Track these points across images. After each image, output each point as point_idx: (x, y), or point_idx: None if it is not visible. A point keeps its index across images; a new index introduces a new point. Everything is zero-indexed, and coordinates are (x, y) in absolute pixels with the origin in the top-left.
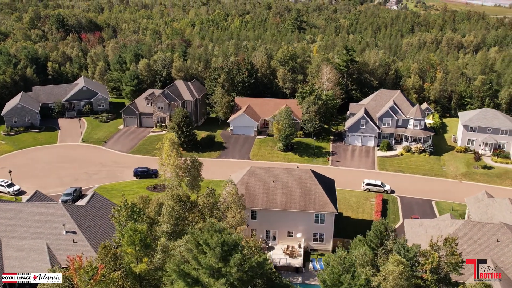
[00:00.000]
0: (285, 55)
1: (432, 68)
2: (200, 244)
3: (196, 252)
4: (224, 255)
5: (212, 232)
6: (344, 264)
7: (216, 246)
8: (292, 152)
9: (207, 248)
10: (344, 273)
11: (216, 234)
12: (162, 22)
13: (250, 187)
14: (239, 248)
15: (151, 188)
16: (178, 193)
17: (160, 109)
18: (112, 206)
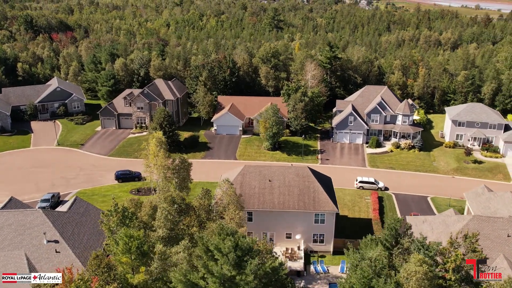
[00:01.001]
0: (267, 53)
1: (414, 65)
2: (210, 250)
3: (206, 259)
4: (238, 262)
5: (224, 236)
6: (375, 267)
7: (229, 251)
8: (279, 151)
9: (219, 255)
10: (374, 276)
11: (229, 238)
12: (136, 23)
13: (245, 187)
14: (254, 252)
15: (134, 192)
16: (172, 195)
17: (140, 109)
18: (97, 211)
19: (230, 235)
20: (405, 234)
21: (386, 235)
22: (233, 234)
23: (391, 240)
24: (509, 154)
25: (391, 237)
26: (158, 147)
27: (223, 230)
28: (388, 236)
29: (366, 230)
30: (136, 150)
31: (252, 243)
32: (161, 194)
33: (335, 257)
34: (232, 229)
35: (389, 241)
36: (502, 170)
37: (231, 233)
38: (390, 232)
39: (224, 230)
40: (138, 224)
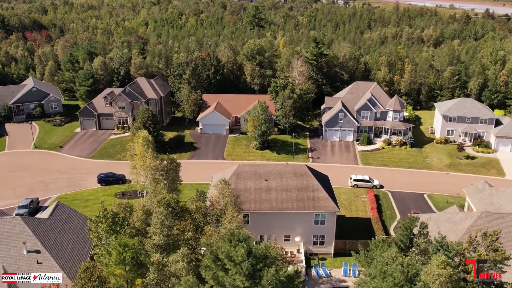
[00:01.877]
0: (252, 50)
1: (399, 61)
2: (219, 258)
3: (216, 269)
4: (252, 271)
5: (235, 243)
6: (407, 273)
7: (243, 260)
8: (269, 150)
9: (230, 264)
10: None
11: (241, 245)
12: (113, 22)
13: (240, 187)
14: (270, 260)
15: (119, 195)
16: (166, 198)
17: (122, 109)
18: (81, 217)
19: (243, 241)
20: (420, 234)
21: (400, 236)
22: (245, 240)
23: (406, 240)
24: (500, 149)
25: (406, 238)
26: (145, 147)
27: (234, 236)
28: (403, 236)
29: (366, 230)
30: (119, 151)
31: (266, 249)
32: (152, 197)
33: (336, 259)
34: (245, 235)
35: (404, 242)
36: (495, 165)
37: (244, 239)
38: (405, 232)
39: (235, 236)
40: (130, 230)
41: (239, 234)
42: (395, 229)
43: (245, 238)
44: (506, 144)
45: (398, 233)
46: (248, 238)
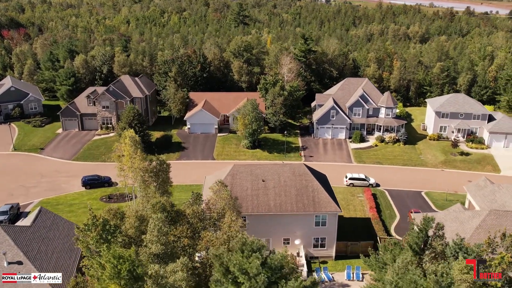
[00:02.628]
0: (239, 47)
1: (388, 57)
2: (230, 271)
3: (227, 283)
4: (268, 285)
5: (248, 253)
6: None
7: (258, 272)
8: (260, 149)
9: (244, 277)
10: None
11: (256, 256)
12: (93, 20)
13: (236, 189)
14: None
15: (105, 199)
16: (161, 202)
17: (105, 109)
18: (67, 223)
19: (257, 252)
20: (436, 235)
21: (415, 238)
22: (259, 249)
23: (421, 243)
24: (494, 145)
25: (421, 240)
26: (133, 147)
27: (246, 245)
28: (418, 238)
29: (366, 231)
30: (104, 153)
31: (283, 259)
32: (145, 201)
33: (337, 263)
34: (259, 244)
35: (419, 244)
36: (490, 162)
37: (258, 248)
38: (420, 234)
39: (248, 246)
40: (122, 239)
41: (252, 244)
42: (396, 229)
43: (259, 247)
44: (499, 140)
45: (412, 235)
46: (263, 247)
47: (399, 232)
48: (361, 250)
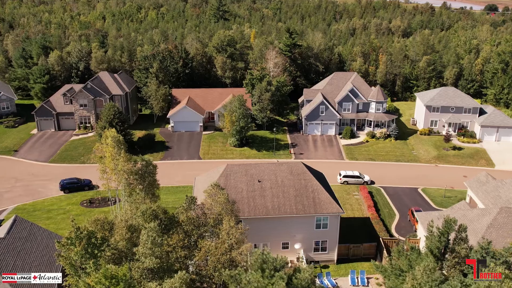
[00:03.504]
0: (222, 41)
1: (373, 51)
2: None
3: None
4: None
5: (270, 272)
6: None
7: None
8: (248, 147)
9: None
10: None
11: (279, 275)
12: (67, 16)
13: (231, 190)
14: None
15: (86, 204)
16: (152, 208)
17: (83, 107)
18: (45, 233)
19: (280, 270)
20: (458, 238)
21: (436, 242)
22: (283, 267)
23: (442, 247)
24: (485, 139)
25: (443, 244)
26: (116, 148)
27: (267, 263)
28: (440, 242)
29: (366, 231)
30: (82, 154)
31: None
32: (133, 207)
33: (340, 267)
34: (282, 261)
35: (440, 249)
36: (483, 156)
37: (281, 266)
38: (442, 238)
39: (269, 263)
40: (112, 253)
41: (275, 261)
42: (396, 229)
43: (282, 265)
44: (491, 134)
45: (433, 238)
46: (286, 264)
47: (400, 232)
48: (364, 253)
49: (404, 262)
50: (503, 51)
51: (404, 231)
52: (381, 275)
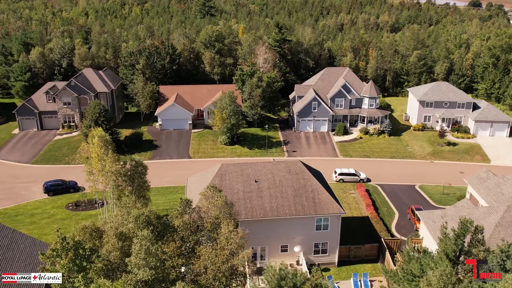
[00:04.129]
0: (210, 36)
1: (363, 47)
2: None
3: None
4: None
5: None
6: None
7: None
8: (239, 145)
9: None
10: None
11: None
12: (49, 13)
13: (226, 192)
14: None
15: (72, 207)
16: (144, 213)
17: (67, 105)
18: (28, 240)
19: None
20: (475, 240)
21: (453, 245)
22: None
23: (457, 250)
24: (479, 134)
25: (459, 247)
26: (104, 147)
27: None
28: (456, 245)
29: (366, 231)
30: (67, 154)
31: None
32: (124, 212)
33: (341, 269)
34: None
35: (456, 252)
36: (478, 151)
37: (301, 283)
38: (458, 241)
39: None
40: (102, 264)
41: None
42: (396, 228)
43: (302, 281)
44: (485, 129)
45: (449, 241)
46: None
47: (400, 231)
48: (365, 254)
49: (416, 266)
50: (493, 46)
51: (404, 231)
52: (386, 278)
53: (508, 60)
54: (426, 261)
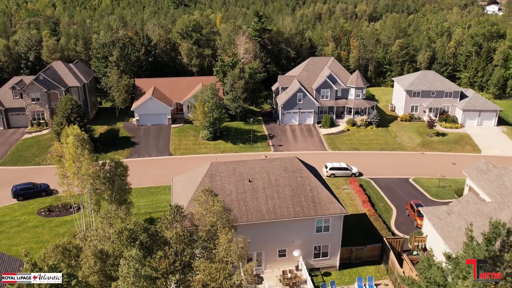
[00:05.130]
0: (187, 26)
1: (344, 36)
2: None
3: None
4: None
5: None
6: None
7: None
8: (222, 140)
9: None
10: None
11: None
12: (13, 4)
13: (218, 193)
14: None
15: (44, 213)
16: (128, 226)
17: (36, 101)
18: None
19: None
20: (506, 244)
21: (484, 251)
22: None
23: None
24: (467, 124)
25: (491, 253)
26: (80, 147)
27: None
28: (488, 252)
29: (364, 229)
30: (37, 154)
31: None
32: (105, 224)
33: (343, 273)
34: None
35: (487, 257)
36: (468, 141)
37: None
38: (490, 247)
39: None
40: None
41: None
42: (396, 225)
43: None
44: (472, 118)
45: (479, 247)
46: None
47: (400, 228)
48: (367, 256)
49: (438, 273)
50: (476, 34)
51: (405, 228)
52: (395, 284)
53: (491, 48)
54: (451, 267)
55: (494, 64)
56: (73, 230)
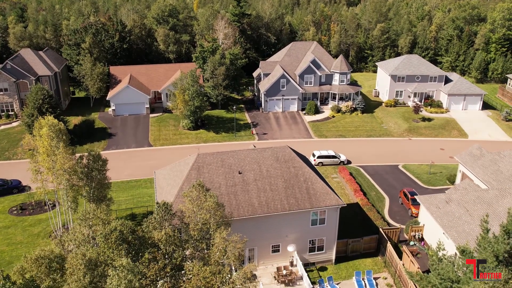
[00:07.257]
0: (163, 11)
1: (325, 21)
2: None
3: None
4: None
5: None
6: None
7: None
8: (204, 130)
9: None
10: None
11: None
12: None
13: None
14: None
15: (17, 211)
16: (116, 228)
17: (4, 92)
18: None
19: None
20: None
21: (505, 244)
22: None
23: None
24: (452, 108)
25: (511, 247)
26: (56, 139)
27: None
28: (510, 245)
29: (359, 220)
30: (6, 148)
31: None
32: (83, 226)
33: (339, 267)
34: None
35: (507, 251)
36: (454, 126)
37: None
38: (504, 237)
39: None
40: None
41: None
42: (390, 214)
43: None
44: (457, 102)
45: (499, 240)
46: None
47: (395, 217)
48: (364, 248)
49: (450, 269)
50: (457, 17)
51: (399, 217)
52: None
53: (472, 32)
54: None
55: (476, 48)
56: (48, 229)
